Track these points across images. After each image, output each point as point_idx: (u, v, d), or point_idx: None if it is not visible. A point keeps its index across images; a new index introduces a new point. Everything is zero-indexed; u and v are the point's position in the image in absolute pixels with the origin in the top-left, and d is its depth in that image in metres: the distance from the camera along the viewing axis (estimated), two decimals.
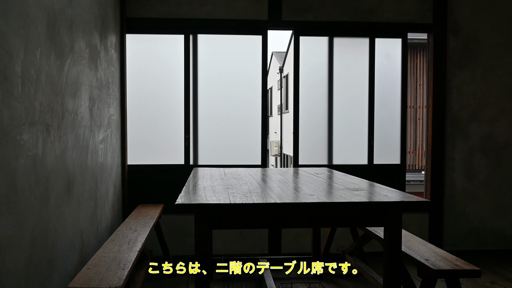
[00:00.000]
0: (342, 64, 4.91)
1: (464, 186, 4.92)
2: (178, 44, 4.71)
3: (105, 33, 3.82)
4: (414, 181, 12.16)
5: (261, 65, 4.78)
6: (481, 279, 4.15)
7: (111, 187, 4.04)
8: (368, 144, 4.90)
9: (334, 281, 4.09)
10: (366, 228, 3.62)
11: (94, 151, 3.43)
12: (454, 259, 2.86)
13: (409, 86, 12.28)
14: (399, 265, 2.41)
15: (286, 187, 2.87)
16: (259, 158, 4.81)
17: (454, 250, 4.86)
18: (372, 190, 2.76)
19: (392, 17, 4.79)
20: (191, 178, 3.33)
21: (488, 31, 4.89)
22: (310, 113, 4.89)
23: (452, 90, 4.88)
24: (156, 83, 4.72)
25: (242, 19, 4.65)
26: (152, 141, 4.73)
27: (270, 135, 21.36)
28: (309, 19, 4.72)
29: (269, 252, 4.73)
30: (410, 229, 4.77)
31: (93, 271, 2.43)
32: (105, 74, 3.79)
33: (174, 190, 4.54)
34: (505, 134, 4.94)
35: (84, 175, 3.16)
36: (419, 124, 12.36)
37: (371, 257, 4.61)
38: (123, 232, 3.29)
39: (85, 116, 3.18)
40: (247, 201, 2.32)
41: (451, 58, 4.86)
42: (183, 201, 2.32)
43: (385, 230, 2.41)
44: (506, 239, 4.97)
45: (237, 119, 4.81)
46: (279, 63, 19.18)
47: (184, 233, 4.63)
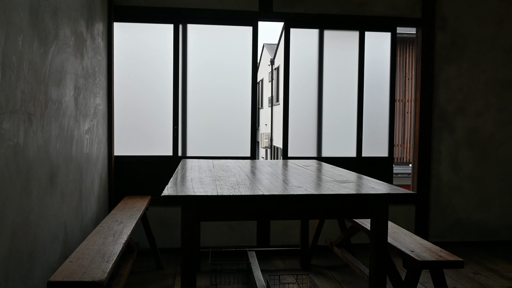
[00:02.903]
0: (332, 56, 4.89)
1: (449, 178, 4.96)
2: (167, 33, 4.65)
3: (92, 21, 3.76)
4: (402, 174, 12.25)
5: (251, 56, 4.75)
6: (465, 270, 4.20)
7: (97, 179, 3.99)
8: (356, 137, 4.90)
9: (321, 273, 4.10)
10: (353, 220, 3.63)
11: (79, 141, 3.38)
12: (439, 251, 2.87)
13: (398, 80, 12.33)
14: (385, 257, 2.41)
15: (275, 179, 2.85)
16: (248, 150, 4.79)
17: (439, 241, 4.90)
18: (359, 182, 2.75)
19: (382, 11, 4.78)
20: (179, 169, 3.30)
21: (475, 26, 4.91)
22: (300, 105, 4.87)
23: (439, 84, 4.89)
24: (144, 73, 4.67)
25: (233, 10, 4.61)
26: (139, 131, 4.69)
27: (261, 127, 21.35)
28: (300, 11, 4.69)
29: (258, 244, 4.73)
30: (397, 221, 4.80)
31: (76, 264, 2.40)
32: (91, 63, 3.73)
33: (162, 182, 4.51)
34: (490, 128, 4.98)
35: (69, 166, 3.11)
36: (407, 118, 12.43)
37: (358, 248, 4.63)
38: (108, 224, 3.26)
39: (70, 105, 3.13)
40: (234, 193, 2.30)
41: (439, 53, 4.88)
42: (170, 193, 2.29)
43: (372, 222, 2.42)
44: (490, 230, 5.03)
45: (227, 110, 4.78)
46: (270, 55, 19.14)
47: (172, 225, 4.60)
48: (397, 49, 12.19)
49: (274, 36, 47.58)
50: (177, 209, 4.57)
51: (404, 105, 12.51)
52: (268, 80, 19.68)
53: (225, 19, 4.67)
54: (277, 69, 17.61)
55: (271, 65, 18.63)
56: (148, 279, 3.90)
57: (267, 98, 19.94)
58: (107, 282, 2.27)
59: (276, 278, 3.74)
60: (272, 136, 18.16)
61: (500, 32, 4.94)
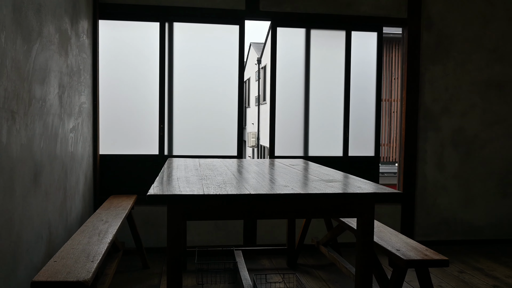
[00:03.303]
0: (318, 56, 4.90)
1: (435, 178, 5.00)
2: (153, 31, 4.62)
3: (77, 18, 3.71)
4: (389, 173, 12.35)
5: (238, 55, 4.74)
6: (450, 269, 4.24)
7: (82, 177, 3.95)
8: (343, 136, 4.92)
9: (308, 272, 4.11)
10: (340, 219, 3.64)
11: (64, 140, 3.34)
12: (424, 249, 2.89)
13: (385, 80, 12.41)
14: (371, 256, 2.42)
15: (261, 178, 2.85)
16: (235, 149, 4.78)
17: (425, 240, 4.94)
18: (346, 181, 2.76)
19: (369, 11, 4.81)
20: (165, 168, 3.28)
21: (460, 27, 4.96)
22: (286, 104, 4.88)
23: (425, 84, 4.93)
24: (130, 71, 4.63)
25: (219, 8, 4.59)
26: (125, 130, 4.65)
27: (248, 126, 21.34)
28: (287, 10, 4.69)
29: (244, 244, 4.72)
30: (383, 220, 4.83)
31: (61, 263, 2.37)
32: (76, 61, 3.69)
33: (148, 181, 4.48)
34: (475, 128, 5.03)
35: (53, 164, 3.08)
36: (393, 117, 12.52)
37: (345, 247, 4.65)
38: (93, 224, 3.22)
39: (54, 103, 3.09)
40: (221, 192, 2.29)
41: (425, 53, 4.92)
42: (156, 192, 2.27)
43: (358, 221, 2.42)
44: (474, 229, 5.09)
45: (213, 109, 4.76)
46: (257, 54, 19.14)
47: (158, 224, 4.58)
48: (384, 49, 12.26)
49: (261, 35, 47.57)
50: (163, 208, 4.54)
51: (391, 104, 12.60)
52: (255, 79, 19.69)
53: (212, 17, 4.65)
54: (264, 68, 17.62)
55: (258, 64, 18.63)
56: (134, 279, 3.87)
57: (254, 97, 19.94)
58: (92, 282, 2.25)
59: (262, 277, 3.74)
60: (259, 135, 18.16)
61: (485, 32, 4.99)
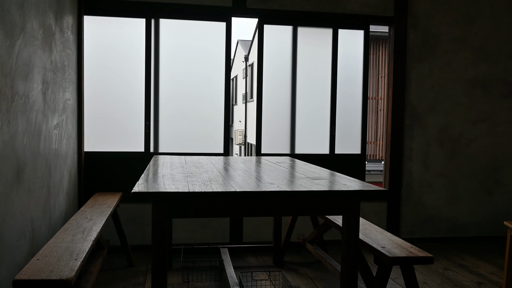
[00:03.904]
0: (305, 54, 4.90)
1: (421, 175, 5.04)
2: (139, 28, 4.58)
3: (61, 14, 3.66)
4: (375, 171, 12.42)
5: (224, 52, 4.71)
6: (435, 266, 4.27)
7: (66, 175, 3.90)
8: (329, 134, 4.93)
9: (294, 269, 4.12)
10: (326, 217, 3.65)
11: (48, 136, 3.30)
12: (409, 247, 2.91)
13: (372, 78, 12.48)
14: (356, 253, 2.43)
15: (247, 175, 2.84)
16: (221, 147, 4.77)
17: (410, 237, 4.98)
18: (332, 179, 2.77)
19: (355, 9, 4.82)
20: (151, 165, 3.25)
21: (446, 26, 4.99)
22: (273, 102, 4.87)
23: (411, 83, 4.96)
24: (116, 69, 4.58)
25: (206, 5, 4.57)
26: (111, 127, 4.60)
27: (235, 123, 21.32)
28: (274, 8, 4.68)
29: (231, 241, 4.71)
30: (369, 217, 4.85)
31: (43, 262, 2.34)
32: (60, 57, 3.64)
33: (133, 178, 4.44)
34: (460, 126, 5.08)
35: (36, 161, 3.03)
36: (380, 115, 12.60)
37: (331, 245, 4.66)
38: (77, 221, 3.19)
39: (37, 100, 3.04)
40: (206, 190, 2.27)
41: (411, 51, 4.95)
42: (141, 189, 2.25)
43: (344, 218, 2.43)
44: (459, 227, 5.14)
45: (200, 106, 4.74)
46: (244, 51, 19.11)
47: (143, 222, 4.54)
48: (370, 47, 12.33)
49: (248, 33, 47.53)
50: (148, 206, 4.51)
51: (377, 102, 12.67)
52: (242, 76, 19.66)
53: (198, 14, 4.62)
54: (251, 66, 17.60)
55: (245, 62, 18.60)
56: (119, 277, 3.84)
57: (241, 95, 19.92)
58: (75, 280, 2.22)
59: (248, 275, 3.74)
60: (246, 132, 18.15)
61: (470, 32, 5.04)
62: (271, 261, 4.32)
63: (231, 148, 22.07)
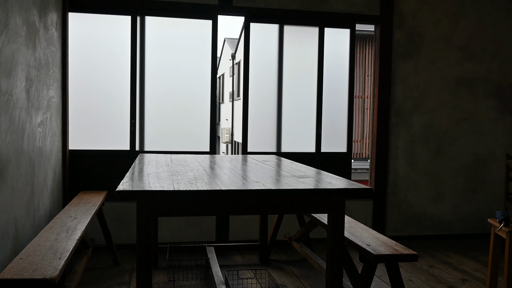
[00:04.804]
0: (292, 52, 4.91)
1: (406, 173, 5.08)
2: (124, 25, 4.54)
3: (45, 10, 3.62)
4: (362, 169, 12.50)
5: (211, 50, 4.70)
6: (420, 263, 4.32)
7: (51, 173, 3.86)
8: (316, 133, 4.95)
9: (280, 268, 4.12)
10: (311, 215, 3.66)
11: (31, 134, 3.26)
12: (394, 244, 2.93)
13: (358, 77, 12.54)
14: (342, 251, 2.44)
15: (233, 174, 2.84)
16: (207, 145, 4.75)
17: (396, 235, 5.02)
18: (317, 177, 2.78)
19: (342, 8, 4.83)
20: (136, 164, 3.24)
21: (431, 25, 5.04)
22: (259, 100, 4.87)
23: (396, 81, 5.00)
24: (101, 66, 4.54)
25: (192, 3, 4.55)
26: (95, 125, 4.56)
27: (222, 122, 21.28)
28: (260, 6, 4.68)
29: (217, 240, 4.70)
30: (355, 215, 4.88)
31: (27, 261, 2.31)
32: (44, 54, 3.59)
33: (119, 177, 4.39)
34: (445, 124, 5.13)
35: (20, 159, 2.99)
36: (367, 114, 12.67)
37: (317, 243, 4.68)
38: (61, 220, 3.16)
39: (21, 97, 3.00)
40: (191, 188, 2.27)
41: (396, 50, 4.98)
42: (125, 188, 2.24)
43: (329, 216, 2.44)
44: (444, 224, 5.19)
45: (186, 104, 4.72)
46: (231, 49, 19.06)
47: (129, 220, 4.52)
48: (357, 46, 12.39)
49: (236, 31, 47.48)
50: (134, 204, 4.44)
51: (364, 101, 12.74)
52: (229, 74, 19.62)
53: (184, 12, 4.60)
54: (238, 64, 17.58)
55: (232, 60, 18.57)
56: (104, 276, 3.81)
57: (228, 93, 19.87)
58: (59, 279, 2.20)
59: (234, 273, 3.73)
60: (233, 131, 18.12)
61: (455, 31, 5.09)
62: (257, 260, 4.32)
63: (218, 147, 22.03)
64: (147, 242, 2.21)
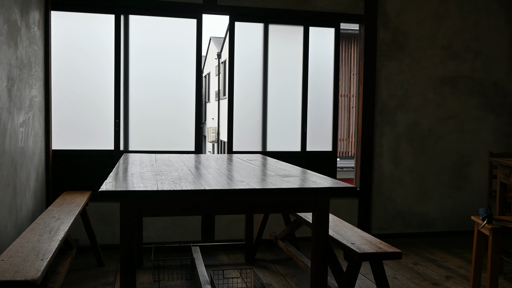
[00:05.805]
0: (277, 51, 4.91)
1: (391, 172, 5.11)
2: (108, 24, 4.50)
3: (27, 9, 3.57)
4: (347, 168, 12.58)
5: (195, 49, 4.68)
6: (405, 260, 4.35)
7: (33, 173, 3.81)
8: (301, 131, 4.96)
9: (266, 267, 4.13)
10: (297, 214, 3.67)
11: (13, 134, 3.21)
12: (378, 243, 2.95)
13: (343, 76, 12.60)
14: (326, 249, 2.45)
15: (218, 173, 2.83)
16: (193, 144, 4.73)
17: (381, 233, 5.06)
18: (302, 176, 2.78)
19: (326, 7, 4.85)
20: (120, 164, 3.21)
21: (415, 24, 5.08)
22: (245, 99, 4.86)
23: (381, 80, 5.03)
24: (84, 65, 4.50)
25: (176, 2, 4.52)
26: (79, 125, 4.51)
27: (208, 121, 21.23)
28: (245, 5, 4.67)
29: (202, 239, 4.69)
30: (340, 214, 4.90)
31: (8, 262, 2.28)
32: (26, 53, 3.54)
33: (103, 177, 4.36)
34: (429, 123, 5.18)
35: (1, 160, 2.95)
36: (352, 113, 12.74)
37: (302, 242, 4.69)
38: (44, 221, 3.12)
39: (2, 96, 2.96)
40: (175, 188, 2.25)
41: (381, 49, 5.01)
42: (108, 188, 2.22)
43: (313, 215, 2.44)
44: (428, 222, 5.24)
45: (171, 104, 4.69)
46: (217, 48, 19.02)
47: (113, 221, 4.48)
48: (342, 45, 12.44)
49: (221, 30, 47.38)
50: (118, 205, 4.43)
51: (349, 100, 12.80)
52: (215, 74, 19.57)
53: (169, 10, 4.57)
54: (224, 63, 17.54)
55: (218, 59, 18.53)
56: (89, 277, 3.78)
57: (214, 92, 19.83)
58: (41, 281, 2.17)
59: (220, 273, 3.73)
60: (219, 130, 18.09)
61: (439, 30, 5.13)
62: (243, 259, 4.32)
63: (204, 146, 21.96)
64: (131, 243, 2.19)
